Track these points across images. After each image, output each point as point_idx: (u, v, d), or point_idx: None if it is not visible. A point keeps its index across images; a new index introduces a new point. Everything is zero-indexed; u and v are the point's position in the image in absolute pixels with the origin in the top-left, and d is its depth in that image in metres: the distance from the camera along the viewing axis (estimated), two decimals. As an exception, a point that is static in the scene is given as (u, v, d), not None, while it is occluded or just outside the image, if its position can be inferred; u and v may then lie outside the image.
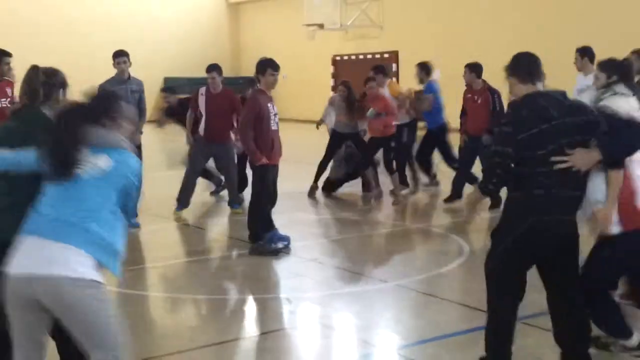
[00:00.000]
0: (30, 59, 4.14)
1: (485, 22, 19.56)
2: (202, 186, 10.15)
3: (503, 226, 4.01)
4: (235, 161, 9.27)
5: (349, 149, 10.30)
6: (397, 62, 22.56)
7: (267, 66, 7.16)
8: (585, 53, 7.87)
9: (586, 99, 5.71)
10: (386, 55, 22.79)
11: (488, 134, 8.60)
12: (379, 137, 9.81)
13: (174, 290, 6.37)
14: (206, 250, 7.93)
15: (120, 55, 8.38)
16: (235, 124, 8.75)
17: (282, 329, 5.33)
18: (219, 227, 9.05)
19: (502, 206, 4.24)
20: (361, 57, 23.70)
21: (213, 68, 8.94)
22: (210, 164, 9.58)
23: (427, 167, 10.58)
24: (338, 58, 24.67)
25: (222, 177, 9.73)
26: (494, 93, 9.01)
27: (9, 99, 7.87)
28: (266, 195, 7.36)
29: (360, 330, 5.32)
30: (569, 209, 3.89)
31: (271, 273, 6.88)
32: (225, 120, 8.87)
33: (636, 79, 5.70)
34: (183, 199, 8.97)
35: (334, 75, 24.61)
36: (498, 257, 3.99)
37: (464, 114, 9.43)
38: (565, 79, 6.90)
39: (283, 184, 7.95)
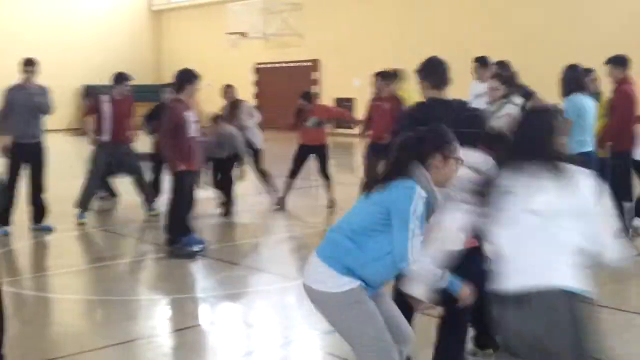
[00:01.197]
0: None
1: (406, 31, 20.18)
2: (120, 188, 10.26)
3: None
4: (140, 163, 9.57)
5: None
6: (317, 71, 23.04)
7: (188, 77, 7.39)
8: (484, 62, 8.42)
9: (482, 103, 6.15)
10: (308, 64, 23.24)
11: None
12: (316, 145, 10.14)
13: (87, 293, 6.56)
14: (121, 254, 8.07)
15: (28, 64, 8.52)
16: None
17: (197, 325, 5.59)
18: (134, 231, 9.17)
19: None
20: (283, 65, 24.08)
21: (128, 78, 9.35)
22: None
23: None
24: (260, 66, 24.97)
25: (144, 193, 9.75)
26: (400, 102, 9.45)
27: None
28: (184, 200, 7.60)
29: (275, 323, 5.65)
30: None
31: (186, 274, 7.13)
32: (127, 123, 9.29)
33: None
34: (85, 205, 9.17)
35: (257, 83, 24.91)
36: None
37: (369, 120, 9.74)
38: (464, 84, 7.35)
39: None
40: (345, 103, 20.15)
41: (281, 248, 8.44)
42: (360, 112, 11.45)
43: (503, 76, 5.90)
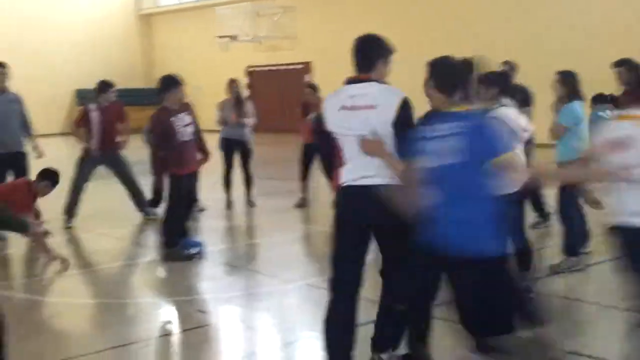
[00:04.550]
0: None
1: (399, 33, 20.20)
2: (114, 192, 10.20)
3: None
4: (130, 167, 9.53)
5: None
6: (310, 73, 23.02)
7: (169, 83, 7.31)
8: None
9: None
10: (300, 66, 23.23)
11: None
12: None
13: (84, 297, 6.52)
14: (117, 258, 8.01)
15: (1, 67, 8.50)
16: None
17: (196, 327, 5.55)
18: (131, 235, 9.16)
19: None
20: (275, 68, 24.06)
21: (111, 85, 9.33)
22: None
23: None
24: (252, 69, 24.94)
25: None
26: None
27: None
28: (180, 203, 7.56)
29: (275, 326, 5.64)
30: None
31: (184, 277, 7.08)
32: (116, 130, 9.28)
33: None
34: (71, 211, 9.17)
35: (249, 86, 24.88)
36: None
37: None
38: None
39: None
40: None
41: (282, 250, 8.40)
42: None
43: (489, 79, 5.82)
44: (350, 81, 4.07)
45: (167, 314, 6.16)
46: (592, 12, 16.72)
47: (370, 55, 4.03)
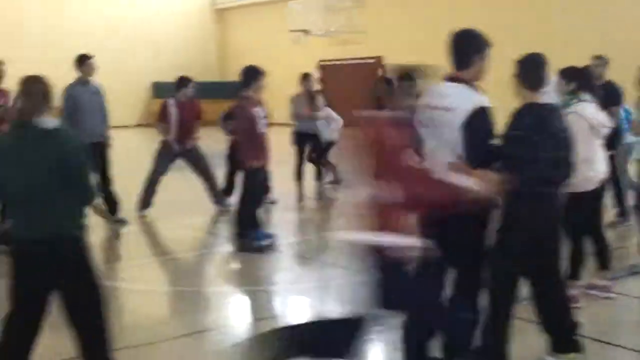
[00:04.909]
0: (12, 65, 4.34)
1: (471, 25, 19.93)
2: (190, 184, 10.40)
3: (513, 224, 4.06)
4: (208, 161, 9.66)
5: None
6: (381, 67, 22.92)
7: (253, 74, 7.43)
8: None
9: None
10: (371, 61, 23.17)
11: None
12: None
13: (157, 285, 6.67)
14: (191, 248, 8.15)
15: (88, 59, 8.72)
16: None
17: (267, 317, 5.63)
18: (205, 225, 9.33)
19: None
20: (347, 62, 24.07)
21: (190, 80, 9.44)
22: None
23: None
24: (324, 63, 25.01)
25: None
26: None
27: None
28: (254, 195, 7.67)
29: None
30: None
31: (256, 268, 7.18)
32: (192, 125, 9.39)
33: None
34: (146, 202, 9.37)
35: (321, 80, 24.96)
36: (509, 254, 4.07)
37: None
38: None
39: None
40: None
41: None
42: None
43: (570, 71, 5.68)
44: (445, 78, 4.03)
45: (239, 303, 6.26)
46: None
47: (467, 51, 3.99)
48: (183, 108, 9.31)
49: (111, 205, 8.76)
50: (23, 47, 22.57)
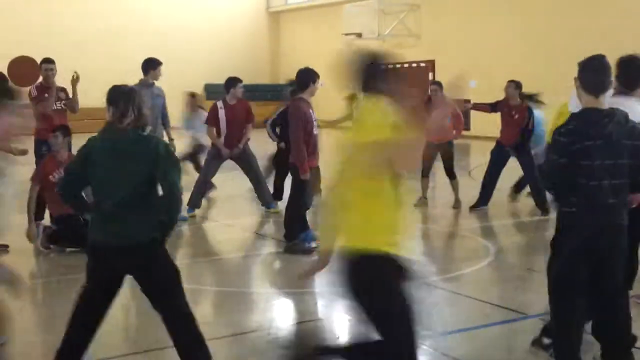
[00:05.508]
0: (73, 65, 4.45)
1: (521, 32, 19.66)
2: (237, 184, 10.48)
3: (565, 233, 4.02)
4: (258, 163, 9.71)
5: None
6: (433, 71, 22.77)
7: (311, 76, 7.51)
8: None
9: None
10: (423, 65, 23.03)
11: (514, 150, 9.44)
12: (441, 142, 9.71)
13: (202, 284, 6.71)
14: (238, 248, 8.21)
15: (160, 64, 8.90)
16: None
17: (313, 320, 5.63)
18: (253, 226, 9.37)
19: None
20: (399, 66, 23.98)
21: (238, 81, 9.47)
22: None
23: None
24: (376, 67, 24.98)
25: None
26: (531, 112, 9.36)
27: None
28: (304, 197, 7.68)
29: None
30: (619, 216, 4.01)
31: (302, 270, 7.16)
32: (242, 127, 9.42)
33: None
34: (195, 202, 9.42)
35: (372, 84, 24.92)
36: (565, 263, 4.02)
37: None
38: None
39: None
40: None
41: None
42: (476, 113, 11.22)
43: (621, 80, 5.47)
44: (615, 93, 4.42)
45: (284, 305, 6.27)
46: None
47: (637, 75, 4.73)
48: (232, 111, 9.38)
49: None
50: (87, 42, 23.21)
